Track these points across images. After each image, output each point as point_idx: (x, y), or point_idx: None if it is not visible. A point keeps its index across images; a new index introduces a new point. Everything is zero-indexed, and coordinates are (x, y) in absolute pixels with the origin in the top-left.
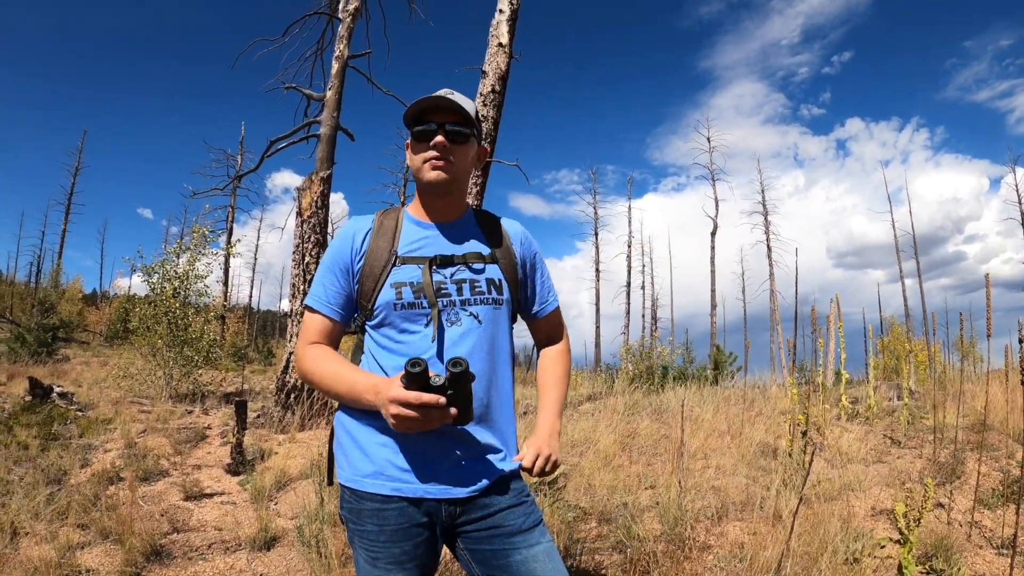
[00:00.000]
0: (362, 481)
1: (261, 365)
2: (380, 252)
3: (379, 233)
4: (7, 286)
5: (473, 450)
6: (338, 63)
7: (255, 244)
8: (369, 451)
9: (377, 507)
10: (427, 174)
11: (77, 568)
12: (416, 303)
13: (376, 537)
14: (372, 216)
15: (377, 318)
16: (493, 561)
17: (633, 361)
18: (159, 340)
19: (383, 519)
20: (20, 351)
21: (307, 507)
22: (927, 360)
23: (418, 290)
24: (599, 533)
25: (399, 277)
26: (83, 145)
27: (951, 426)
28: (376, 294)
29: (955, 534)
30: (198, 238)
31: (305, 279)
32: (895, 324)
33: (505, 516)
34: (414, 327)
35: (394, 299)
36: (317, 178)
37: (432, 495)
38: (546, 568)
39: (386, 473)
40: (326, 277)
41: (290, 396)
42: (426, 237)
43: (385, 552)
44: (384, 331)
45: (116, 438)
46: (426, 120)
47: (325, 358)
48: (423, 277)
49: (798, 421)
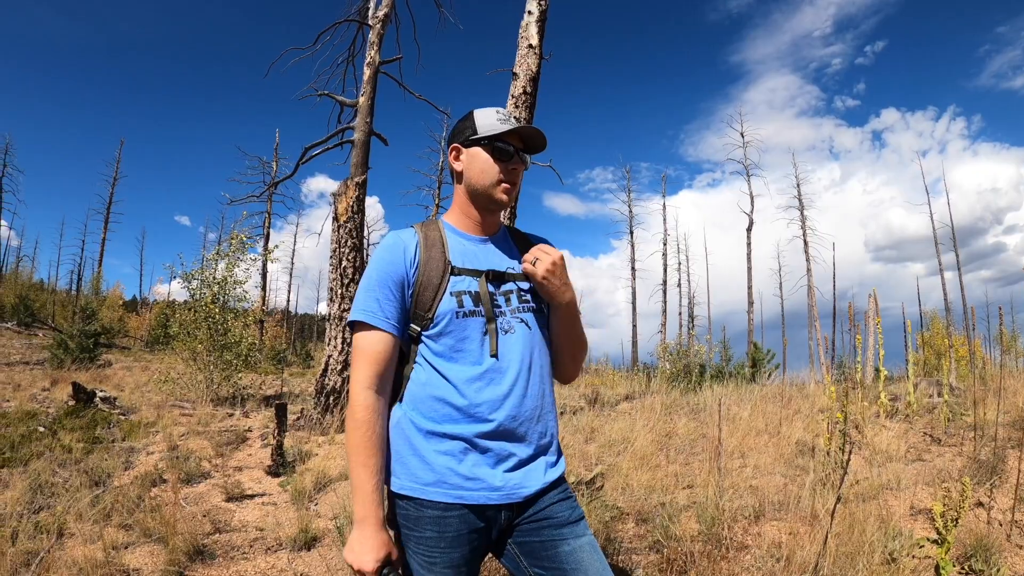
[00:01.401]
0: (424, 490)
1: (300, 368)
2: (435, 263)
3: (428, 245)
4: (49, 294)
5: (532, 452)
6: (370, 69)
7: (292, 249)
8: (429, 459)
9: (438, 515)
10: (499, 195)
11: (122, 568)
12: (476, 311)
13: (436, 543)
14: (412, 229)
15: (437, 327)
16: (542, 552)
17: (670, 360)
18: (199, 344)
19: (444, 526)
20: (63, 357)
21: (347, 507)
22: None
23: (475, 299)
24: (636, 533)
25: (459, 286)
26: (120, 155)
27: (992, 423)
28: (436, 303)
29: (995, 534)
30: (236, 244)
31: (343, 282)
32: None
33: (553, 509)
34: (473, 334)
35: (456, 307)
36: (352, 183)
37: (493, 502)
38: (592, 559)
39: (448, 481)
40: (379, 291)
41: (329, 398)
42: (474, 250)
43: (443, 557)
44: (444, 340)
45: (159, 441)
46: (507, 140)
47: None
48: (480, 287)
49: (836, 419)
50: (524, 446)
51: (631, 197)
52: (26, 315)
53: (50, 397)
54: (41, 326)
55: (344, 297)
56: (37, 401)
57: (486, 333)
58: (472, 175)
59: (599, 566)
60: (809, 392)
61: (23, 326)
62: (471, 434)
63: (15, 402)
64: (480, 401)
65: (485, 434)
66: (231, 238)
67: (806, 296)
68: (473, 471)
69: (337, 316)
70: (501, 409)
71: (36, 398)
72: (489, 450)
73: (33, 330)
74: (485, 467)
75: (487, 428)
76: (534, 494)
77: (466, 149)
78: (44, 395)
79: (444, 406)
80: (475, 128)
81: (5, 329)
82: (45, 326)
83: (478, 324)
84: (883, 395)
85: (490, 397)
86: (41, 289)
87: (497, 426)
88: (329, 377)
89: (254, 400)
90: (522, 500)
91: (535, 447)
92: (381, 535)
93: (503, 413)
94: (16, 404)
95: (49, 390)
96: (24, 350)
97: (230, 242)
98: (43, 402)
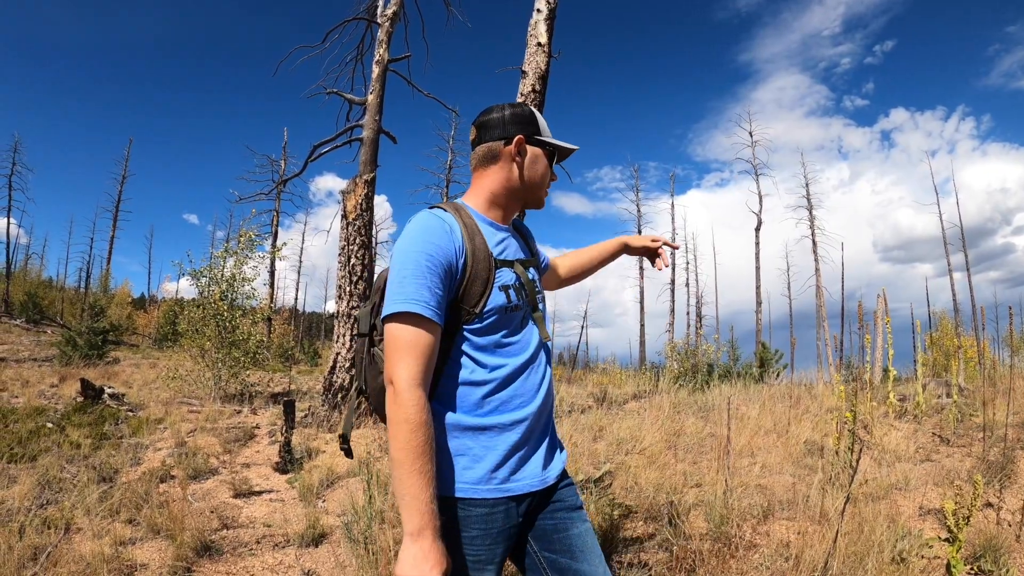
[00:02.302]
0: (473, 488)
1: (307, 366)
2: (481, 253)
3: (470, 234)
4: (58, 291)
5: (552, 439)
6: (378, 67)
7: (300, 247)
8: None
9: (486, 512)
10: (543, 194)
11: (130, 563)
12: (519, 304)
13: (482, 541)
14: (449, 213)
15: (486, 322)
16: (554, 535)
17: (678, 359)
18: (207, 342)
19: (490, 523)
20: (71, 354)
21: (355, 504)
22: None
23: (518, 291)
24: (645, 531)
25: (503, 280)
26: (129, 154)
27: (1001, 424)
28: (486, 297)
29: (1004, 534)
30: (244, 242)
31: (351, 280)
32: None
33: (563, 493)
34: (516, 327)
35: (505, 302)
36: (361, 181)
37: (535, 488)
38: (595, 545)
39: (497, 476)
40: (428, 278)
41: (337, 396)
42: (505, 240)
43: (489, 554)
44: (489, 334)
45: (166, 437)
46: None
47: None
48: (522, 278)
49: (845, 419)
50: (548, 434)
51: (639, 196)
52: (35, 312)
53: (58, 393)
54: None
55: (352, 295)
56: (45, 397)
57: (523, 324)
58: (531, 172)
59: (599, 552)
60: (817, 392)
61: (32, 323)
62: (515, 426)
63: (24, 398)
64: (522, 392)
65: (526, 425)
66: (239, 236)
67: (814, 296)
68: (518, 463)
69: (346, 313)
70: (536, 399)
71: (44, 394)
72: (528, 440)
73: (42, 327)
74: (527, 457)
75: (528, 419)
76: (557, 479)
77: (530, 146)
78: (52, 391)
79: (489, 400)
80: (539, 129)
81: (14, 326)
82: (54, 323)
83: (518, 316)
84: (892, 395)
85: (530, 388)
86: (50, 287)
87: (535, 416)
88: (337, 374)
89: (262, 397)
90: (551, 486)
91: (552, 434)
92: (440, 546)
93: (537, 403)
94: (25, 400)
95: (57, 386)
96: (33, 347)
97: (238, 240)
98: (51, 398)
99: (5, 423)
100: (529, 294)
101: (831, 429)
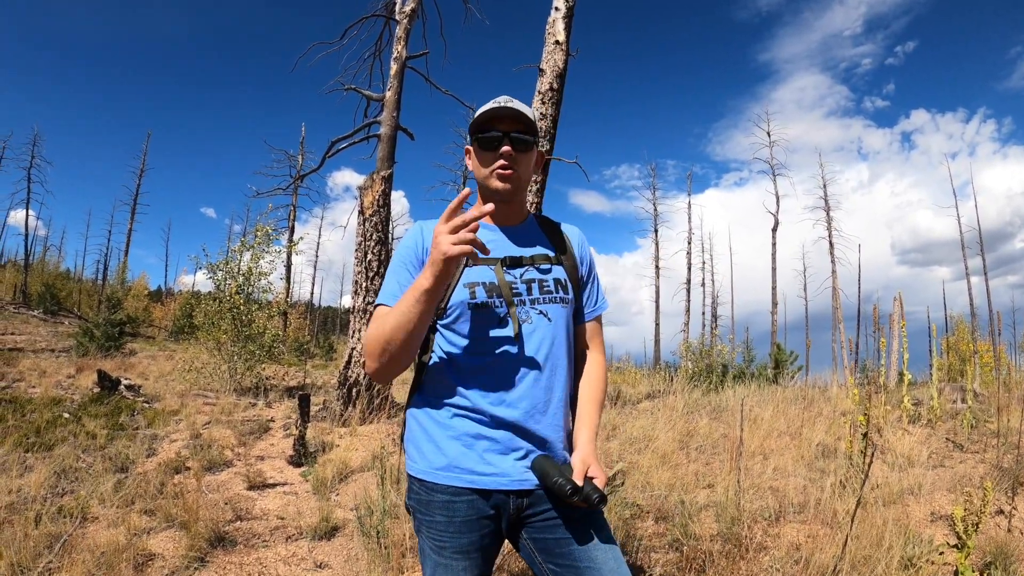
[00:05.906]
0: (435, 473)
1: (322, 360)
2: None
3: None
4: (75, 283)
5: (542, 444)
6: (396, 64)
7: (316, 242)
8: (441, 445)
9: (448, 499)
10: (494, 183)
11: (144, 552)
12: (489, 302)
13: (445, 528)
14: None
15: (451, 316)
16: (556, 550)
17: (692, 359)
18: (223, 335)
19: (452, 511)
20: (88, 345)
21: (368, 498)
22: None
23: (491, 289)
24: (656, 531)
25: (472, 277)
26: (147, 147)
27: (1015, 430)
28: (450, 293)
29: (1015, 542)
30: (261, 236)
31: (367, 276)
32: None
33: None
34: (486, 325)
35: (468, 298)
36: (379, 177)
37: (503, 487)
38: (607, 557)
39: (459, 466)
40: (400, 274)
41: (352, 390)
42: (493, 240)
43: (452, 542)
44: (456, 330)
45: (181, 429)
46: (491, 128)
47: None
48: (496, 277)
49: (858, 423)
50: (535, 437)
51: (656, 195)
52: (52, 304)
53: (75, 384)
54: (67, 315)
55: (369, 290)
56: (62, 388)
57: (500, 323)
58: (474, 171)
59: (613, 564)
60: (831, 395)
61: (49, 314)
62: (481, 422)
63: (41, 388)
64: (488, 391)
65: (495, 423)
66: (256, 230)
67: (830, 298)
68: (484, 457)
69: (361, 309)
70: (510, 399)
71: (61, 385)
72: (499, 439)
73: (59, 318)
74: (495, 455)
75: (501, 417)
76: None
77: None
78: (69, 382)
79: (455, 395)
80: (473, 127)
81: (32, 317)
82: (71, 315)
83: (492, 314)
84: (906, 399)
85: (499, 387)
86: (67, 278)
87: (505, 416)
88: (352, 369)
89: (277, 391)
90: (532, 489)
91: (546, 440)
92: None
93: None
94: (42, 390)
95: (74, 377)
96: (50, 338)
97: (255, 234)
98: (68, 389)
99: (22, 413)
100: (505, 292)
101: (844, 432)
